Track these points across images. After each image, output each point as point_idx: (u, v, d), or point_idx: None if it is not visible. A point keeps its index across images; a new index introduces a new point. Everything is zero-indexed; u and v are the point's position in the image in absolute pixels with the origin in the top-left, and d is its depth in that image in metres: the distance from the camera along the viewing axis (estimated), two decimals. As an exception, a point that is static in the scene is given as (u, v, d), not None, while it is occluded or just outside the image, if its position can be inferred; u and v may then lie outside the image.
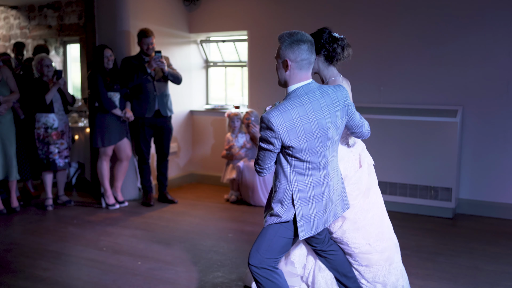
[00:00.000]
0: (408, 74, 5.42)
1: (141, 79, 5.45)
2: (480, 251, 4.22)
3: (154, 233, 4.76)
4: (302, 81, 2.48)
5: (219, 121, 6.63)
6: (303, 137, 2.41)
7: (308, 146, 2.44)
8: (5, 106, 5.25)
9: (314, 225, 2.57)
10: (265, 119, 2.39)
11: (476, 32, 5.08)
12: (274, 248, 2.62)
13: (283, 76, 2.50)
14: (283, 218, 2.56)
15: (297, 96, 2.44)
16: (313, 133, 2.43)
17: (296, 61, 2.44)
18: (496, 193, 5.14)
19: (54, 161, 5.49)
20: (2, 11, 8.99)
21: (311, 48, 2.46)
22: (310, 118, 2.42)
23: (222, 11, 6.45)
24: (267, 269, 2.64)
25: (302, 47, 2.43)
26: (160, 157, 5.83)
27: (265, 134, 2.42)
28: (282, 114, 2.38)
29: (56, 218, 5.29)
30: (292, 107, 2.40)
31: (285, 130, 2.38)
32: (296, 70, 2.45)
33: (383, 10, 5.49)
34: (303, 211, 2.52)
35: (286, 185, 2.52)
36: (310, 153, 2.46)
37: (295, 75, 2.46)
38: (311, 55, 2.47)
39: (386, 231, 3.09)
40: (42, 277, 3.77)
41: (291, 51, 2.43)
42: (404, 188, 5.25)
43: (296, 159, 2.47)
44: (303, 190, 2.51)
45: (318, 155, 2.49)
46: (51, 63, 5.53)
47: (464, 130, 5.23)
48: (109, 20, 5.71)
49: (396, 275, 3.10)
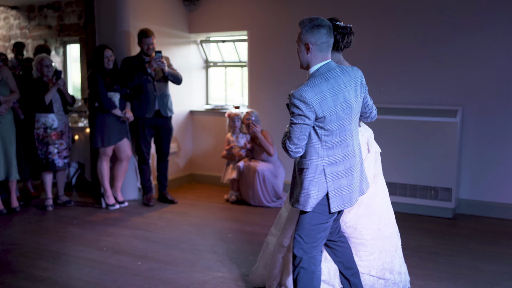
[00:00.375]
0: (408, 74, 5.42)
1: (142, 79, 5.45)
2: (480, 251, 4.22)
3: (154, 233, 4.76)
4: (324, 61, 2.68)
5: (219, 121, 6.63)
6: (333, 108, 2.60)
7: (337, 118, 2.62)
8: (5, 106, 5.26)
9: (346, 198, 2.72)
10: (297, 95, 2.56)
11: (476, 32, 5.09)
12: (314, 235, 2.73)
13: (305, 59, 2.69)
14: (316, 196, 2.66)
15: (321, 74, 2.65)
16: (340, 104, 2.62)
17: (317, 44, 2.63)
18: (496, 193, 5.14)
19: (53, 161, 5.49)
20: (2, 11, 8.99)
21: (329, 32, 2.65)
22: (336, 91, 2.62)
23: (222, 11, 6.45)
24: (311, 257, 2.76)
25: (321, 31, 2.62)
26: (160, 157, 5.83)
27: (298, 110, 2.57)
28: (312, 89, 2.57)
29: (56, 218, 5.29)
30: (319, 82, 2.61)
31: (317, 102, 2.56)
32: (317, 52, 2.65)
33: (383, 10, 5.49)
34: (335, 185, 2.68)
35: (318, 160, 2.66)
36: (339, 126, 2.64)
37: (316, 57, 2.66)
38: (330, 38, 2.66)
39: (391, 216, 3.26)
40: (42, 277, 3.77)
41: (312, 35, 2.63)
42: (404, 188, 5.25)
43: (326, 132, 2.63)
44: (334, 164, 2.67)
45: (345, 129, 2.67)
46: (51, 63, 5.53)
47: (464, 130, 5.23)
48: (109, 20, 5.71)
49: (399, 261, 3.26)
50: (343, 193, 2.70)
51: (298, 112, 2.58)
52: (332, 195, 2.67)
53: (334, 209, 2.69)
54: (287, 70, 6.04)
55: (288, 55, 6.03)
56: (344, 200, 2.71)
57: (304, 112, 2.57)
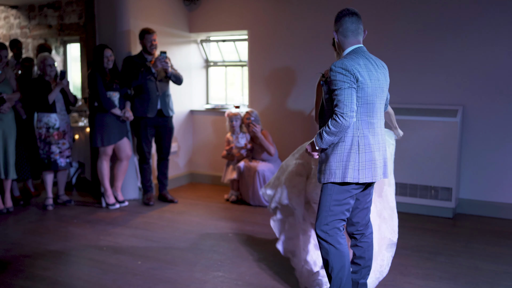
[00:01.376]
0: (408, 74, 5.41)
1: (146, 79, 5.45)
2: (480, 250, 4.22)
3: (154, 232, 4.76)
4: (354, 45, 2.91)
5: (219, 120, 6.63)
6: (368, 79, 2.79)
7: (371, 91, 2.80)
8: (8, 105, 5.26)
9: (374, 171, 2.86)
10: (339, 66, 2.75)
11: (477, 32, 5.08)
12: (337, 210, 2.91)
13: (338, 45, 2.97)
14: (349, 166, 2.81)
15: (356, 52, 2.87)
16: (373, 81, 2.81)
17: (346, 30, 2.89)
18: (496, 193, 5.14)
19: (55, 161, 5.49)
20: (2, 11, 9.00)
21: (355, 19, 2.89)
22: (370, 69, 2.82)
23: (222, 10, 6.44)
24: (335, 231, 2.93)
25: (346, 19, 2.89)
26: (161, 157, 5.83)
27: (342, 77, 2.74)
28: (351, 61, 2.78)
29: (56, 217, 5.29)
30: (356, 57, 2.82)
31: (357, 70, 2.76)
32: (347, 38, 2.90)
33: (383, 9, 5.48)
34: (366, 157, 2.82)
35: (353, 131, 2.82)
36: (372, 99, 2.82)
37: (348, 42, 2.91)
38: (357, 25, 2.90)
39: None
40: (42, 276, 3.77)
41: (340, 24, 2.91)
42: (404, 188, 5.25)
43: (361, 100, 2.79)
44: (367, 137, 2.83)
45: (375, 105, 2.85)
46: (53, 63, 5.53)
47: (464, 130, 5.23)
48: (109, 20, 5.71)
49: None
50: (372, 166, 2.84)
51: (342, 79, 2.74)
52: (362, 166, 2.81)
53: (362, 179, 2.82)
54: (287, 69, 6.04)
55: (288, 54, 6.03)
56: (373, 172, 2.85)
57: (348, 80, 2.73)
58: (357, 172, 2.81)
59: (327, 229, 2.91)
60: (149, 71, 5.40)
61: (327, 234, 2.91)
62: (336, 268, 2.92)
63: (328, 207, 2.90)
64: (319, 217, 2.94)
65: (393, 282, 3.60)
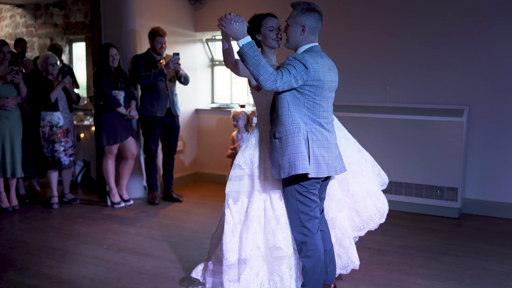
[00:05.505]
0: (414, 74, 5.40)
1: (157, 79, 5.45)
2: (486, 251, 4.20)
3: (159, 231, 4.77)
4: (313, 43, 2.88)
5: (224, 120, 6.63)
6: (323, 79, 2.77)
7: (323, 92, 2.79)
8: (13, 102, 5.27)
9: (324, 167, 2.82)
10: (298, 58, 2.73)
11: (483, 32, 5.06)
12: (304, 209, 2.88)
13: (296, 39, 2.89)
14: (302, 161, 2.75)
15: (314, 51, 2.83)
16: (328, 82, 2.81)
17: (311, 27, 2.83)
18: (502, 193, 5.12)
19: (59, 159, 5.50)
20: (8, 10, 9.03)
21: (321, 18, 2.87)
22: (325, 68, 2.80)
23: (228, 9, 6.43)
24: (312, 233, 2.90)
25: (316, 15, 2.84)
26: (167, 156, 5.83)
27: (297, 67, 2.70)
28: (311, 57, 2.75)
29: (62, 216, 5.31)
30: (315, 55, 2.79)
31: (314, 68, 2.73)
32: (309, 35, 2.85)
33: (389, 11, 5.47)
34: (315, 152, 2.79)
35: (301, 127, 2.79)
36: (324, 97, 2.82)
37: (307, 39, 2.86)
38: (321, 24, 2.88)
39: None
40: (47, 274, 3.78)
41: (308, 18, 2.82)
42: (409, 188, 5.24)
43: (312, 99, 2.78)
44: (314, 133, 2.81)
45: (326, 104, 2.86)
46: (56, 62, 5.54)
47: (470, 129, 5.21)
48: (115, 19, 5.72)
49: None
50: (325, 162, 2.82)
51: (295, 67, 2.70)
52: (311, 160, 2.77)
53: (312, 174, 2.78)
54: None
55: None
56: (325, 168, 2.82)
57: (299, 73, 2.69)
58: (313, 166, 2.79)
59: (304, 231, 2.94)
60: (161, 72, 5.40)
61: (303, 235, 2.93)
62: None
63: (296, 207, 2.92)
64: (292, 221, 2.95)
65: (399, 282, 3.59)
